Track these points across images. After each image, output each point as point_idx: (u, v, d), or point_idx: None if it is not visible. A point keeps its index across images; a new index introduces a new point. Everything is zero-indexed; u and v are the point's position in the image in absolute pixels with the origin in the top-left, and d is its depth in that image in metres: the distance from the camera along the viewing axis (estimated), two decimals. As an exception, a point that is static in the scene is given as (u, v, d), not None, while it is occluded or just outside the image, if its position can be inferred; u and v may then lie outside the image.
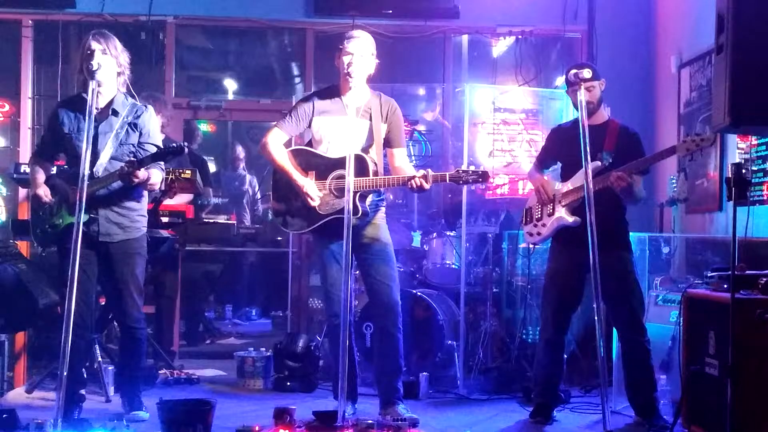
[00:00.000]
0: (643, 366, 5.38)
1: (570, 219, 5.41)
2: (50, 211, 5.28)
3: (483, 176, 5.08)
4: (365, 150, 5.24)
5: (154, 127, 5.37)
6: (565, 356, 5.80)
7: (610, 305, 5.43)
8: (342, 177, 5.13)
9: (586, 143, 4.65)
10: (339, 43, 5.29)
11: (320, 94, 5.41)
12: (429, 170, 5.12)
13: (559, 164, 5.74)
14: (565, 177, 5.57)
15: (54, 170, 5.65)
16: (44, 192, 5.25)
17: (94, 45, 5.12)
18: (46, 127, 5.51)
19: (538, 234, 5.67)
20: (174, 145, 5.16)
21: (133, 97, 5.34)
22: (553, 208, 5.55)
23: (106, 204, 5.19)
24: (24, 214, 6.57)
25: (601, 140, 5.35)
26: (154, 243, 6.28)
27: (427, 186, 5.06)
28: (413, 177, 5.05)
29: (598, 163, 5.28)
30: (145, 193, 5.44)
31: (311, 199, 5.19)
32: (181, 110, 8.31)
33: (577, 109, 5.23)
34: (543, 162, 5.81)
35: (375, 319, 5.56)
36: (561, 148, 5.60)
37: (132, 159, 5.08)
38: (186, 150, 5.21)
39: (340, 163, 5.15)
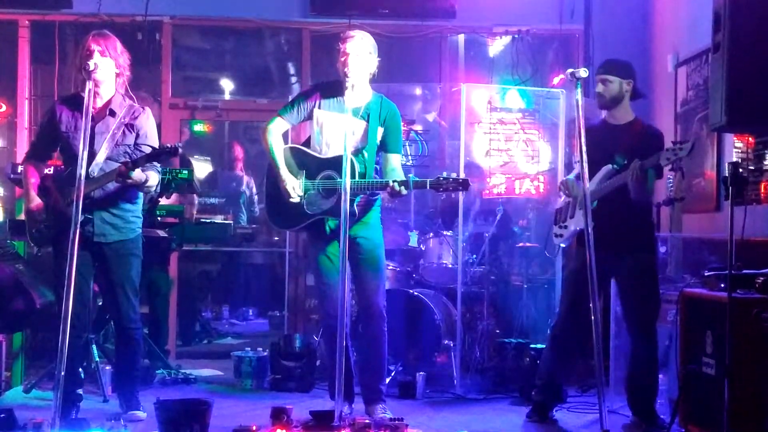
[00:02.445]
0: (648, 371, 5.37)
1: (582, 223, 5.36)
2: (44, 213, 5.27)
3: (464, 184, 5.08)
4: (359, 151, 5.24)
5: (151, 129, 5.36)
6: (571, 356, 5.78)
7: (625, 308, 5.44)
8: (329, 177, 5.16)
9: (582, 143, 4.65)
10: (336, 43, 5.29)
11: (324, 88, 5.39)
12: (411, 175, 5.13)
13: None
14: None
15: (51, 170, 5.64)
16: (36, 206, 5.25)
17: (93, 45, 5.12)
18: (42, 125, 5.48)
19: (561, 236, 5.67)
20: (168, 145, 5.15)
21: (131, 98, 5.34)
22: (573, 211, 5.54)
23: (101, 204, 5.19)
24: (21, 214, 6.56)
25: (620, 141, 5.34)
26: (150, 243, 6.28)
27: (404, 192, 5.07)
28: (391, 181, 5.04)
29: (609, 166, 5.26)
30: (141, 194, 5.44)
31: (291, 196, 5.20)
32: (178, 110, 8.31)
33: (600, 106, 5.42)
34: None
35: (362, 322, 5.55)
36: (590, 147, 5.57)
37: (127, 160, 5.08)
38: (180, 150, 5.20)
39: (329, 163, 5.18)
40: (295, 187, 5.21)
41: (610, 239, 4.60)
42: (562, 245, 5.89)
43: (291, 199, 5.21)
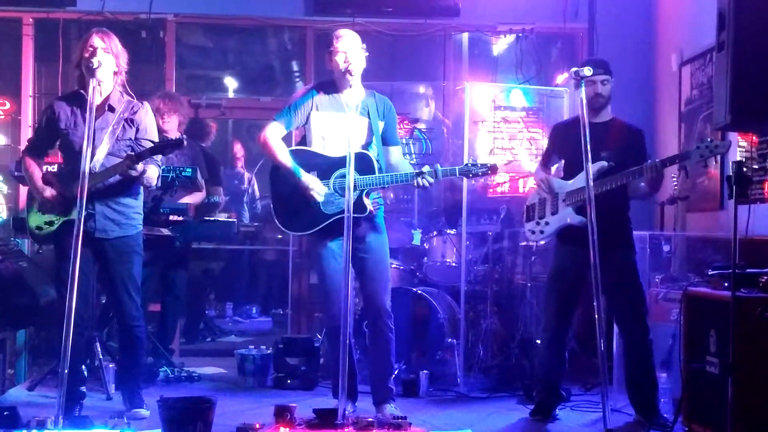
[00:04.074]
0: (644, 365, 5.38)
1: (575, 219, 5.38)
2: (46, 209, 5.27)
3: (492, 169, 5.16)
4: (365, 147, 5.25)
5: (150, 124, 5.37)
6: (566, 354, 5.79)
7: (612, 304, 5.44)
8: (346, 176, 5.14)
9: (587, 140, 4.64)
10: (329, 44, 5.28)
11: (319, 89, 5.38)
12: (438, 165, 5.14)
13: (562, 162, 5.75)
14: (568, 175, 5.56)
15: (53, 168, 5.63)
16: (50, 193, 5.23)
17: (97, 42, 5.12)
18: (40, 122, 5.47)
19: (541, 232, 5.65)
20: (172, 138, 5.15)
21: (129, 95, 5.34)
22: (557, 207, 5.54)
23: (103, 200, 5.19)
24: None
25: (604, 138, 5.34)
26: (154, 241, 6.29)
27: (431, 180, 5.09)
28: (421, 173, 5.06)
29: (604, 163, 5.25)
30: (142, 190, 5.44)
31: (318, 195, 5.18)
32: (182, 108, 8.31)
33: (597, 107, 5.37)
34: (547, 159, 5.80)
35: (368, 320, 5.56)
36: (563, 145, 5.59)
37: (130, 153, 5.09)
38: (185, 142, 5.20)
39: (343, 161, 5.14)
40: (319, 186, 5.19)
41: (596, 235, 4.60)
42: (542, 242, 5.90)
43: (319, 199, 5.19)
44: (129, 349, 5.47)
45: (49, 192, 5.23)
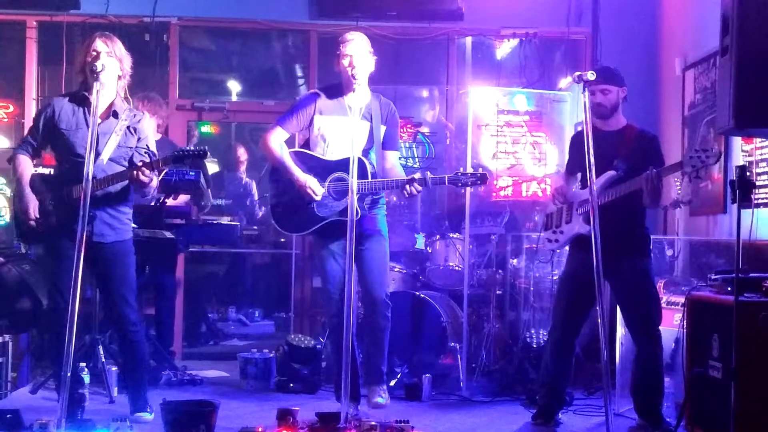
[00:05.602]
0: (653, 374, 5.35)
1: (584, 228, 5.37)
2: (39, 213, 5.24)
3: (482, 178, 5.13)
4: (366, 152, 5.27)
5: (150, 134, 5.43)
6: (572, 360, 5.77)
7: (625, 311, 5.43)
8: (340, 179, 5.18)
9: (590, 146, 4.62)
10: (336, 47, 5.32)
11: (323, 92, 5.43)
12: (428, 173, 5.14)
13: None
14: (584, 183, 5.55)
15: (52, 171, 5.60)
16: (33, 209, 5.13)
17: (100, 46, 5.12)
18: (38, 119, 5.32)
19: (556, 241, 5.65)
20: (192, 149, 5.17)
21: (128, 102, 5.34)
22: (570, 216, 5.53)
23: (103, 205, 5.18)
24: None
25: (617, 147, 5.33)
26: (157, 244, 6.29)
27: (419, 188, 5.11)
28: (411, 180, 5.07)
29: (613, 172, 5.25)
30: (131, 197, 5.43)
31: (314, 194, 5.20)
32: (185, 112, 8.32)
33: (600, 116, 5.36)
34: (570, 170, 5.76)
35: (365, 309, 5.58)
36: (579, 155, 5.57)
37: (148, 161, 5.09)
38: (207, 154, 5.22)
39: (338, 165, 5.20)
40: (316, 185, 5.23)
41: (607, 242, 4.58)
42: (558, 250, 5.90)
43: (315, 197, 5.22)
44: (129, 354, 5.45)
45: (33, 207, 5.14)
